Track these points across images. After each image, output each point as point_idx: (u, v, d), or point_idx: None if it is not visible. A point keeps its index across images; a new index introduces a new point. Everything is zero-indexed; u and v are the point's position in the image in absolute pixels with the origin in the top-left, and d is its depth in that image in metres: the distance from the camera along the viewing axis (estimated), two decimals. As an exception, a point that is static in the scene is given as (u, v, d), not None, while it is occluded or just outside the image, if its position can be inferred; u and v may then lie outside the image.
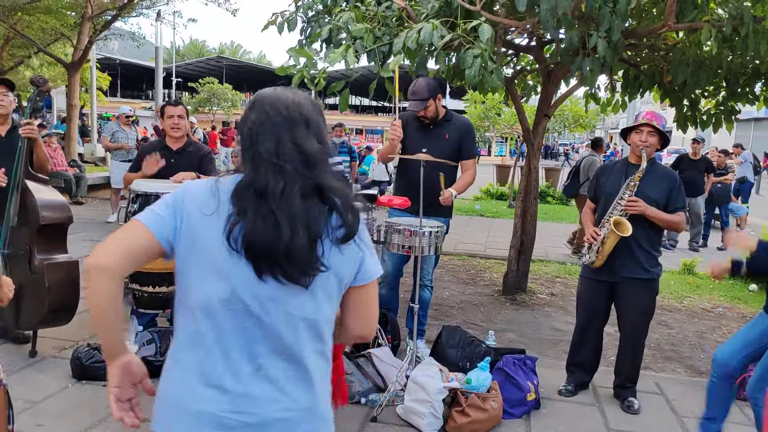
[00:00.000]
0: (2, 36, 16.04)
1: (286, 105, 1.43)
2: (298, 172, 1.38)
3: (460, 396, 3.34)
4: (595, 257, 3.73)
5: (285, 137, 1.40)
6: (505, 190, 15.91)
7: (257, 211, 1.35)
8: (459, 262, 7.85)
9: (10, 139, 4.00)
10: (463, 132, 4.35)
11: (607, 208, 3.73)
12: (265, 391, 1.41)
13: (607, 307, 3.89)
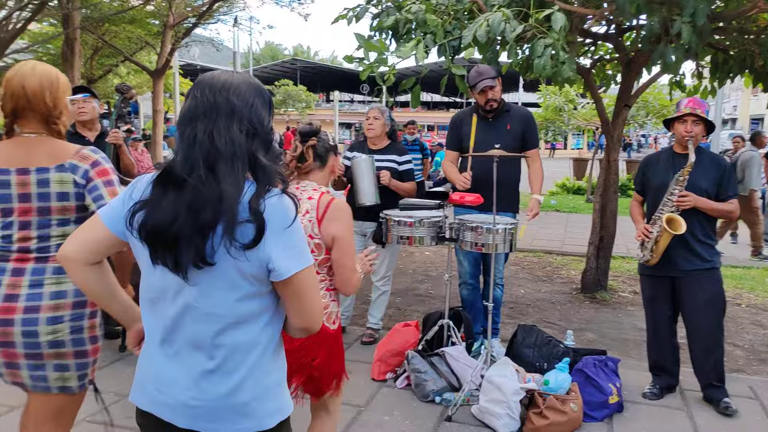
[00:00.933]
0: (91, 46, 16.99)
1: (215, 90, 1.41)
2: (202, 165, 1.35)
3: (538, 397, 3.25)
4: (649, 255, 3.61)
5: (201, 126, 1.38)
6: (582, 184, 15.42)
7: (161, 196, 1.38)
8: (534, 258, 7.66)
9: (98, 144, 4.21)
10: (525, 122, 4.26)
11: (656, 202, 3.61)
12: (179, 376, 1.47)
13: (673, 302, 3.74)
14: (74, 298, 2.04)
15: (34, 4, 10.88)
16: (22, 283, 1.99)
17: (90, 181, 2.04)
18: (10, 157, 2.01)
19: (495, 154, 3.42)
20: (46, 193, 2.00)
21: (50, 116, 2.05)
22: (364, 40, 4.19)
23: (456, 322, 4.04)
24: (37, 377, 2.03)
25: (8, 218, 2.01)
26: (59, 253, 1.52)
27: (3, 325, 1.95)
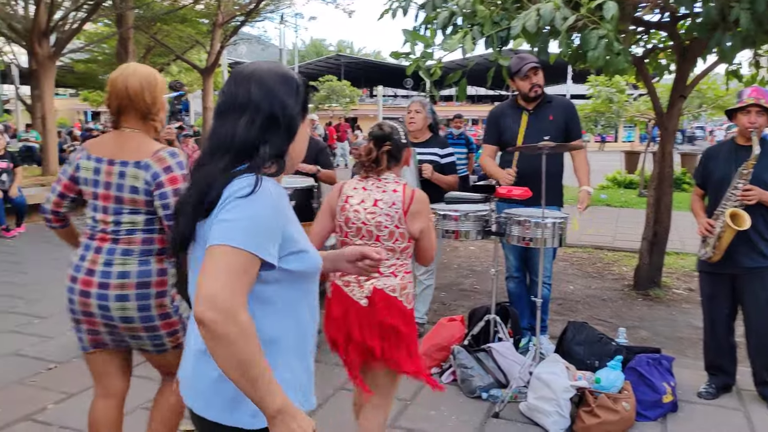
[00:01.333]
0: (144, 46, 17.46)
1: (239, 82, 1.44)
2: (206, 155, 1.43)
3: (589, 396, 3.17)
4: (711, 252, 3.48)
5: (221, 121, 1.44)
6: (634, 178, 15.00)
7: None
8: (584, 254, 7.50)
9: None
10: (568, 112, 4.14)
11: (718, 196, 3.48)
12: None
13: (732, 300, 3.60)
14: (137, 278, 2.22)
15: (89, 5, 11.23)
16: (99, 260, 2.23)
17: (160, 186, 2.19)
18: (107, 148, 2.26)
19: (544, 145, 3.34)
20: (121, 184, 2.21)
21: (149, 113, 2.26)
22: (410, 34, 4.16)
23: (503, 317, 3.99)
24: (117, 342, 2.32)
25: (95, 201, 2.26)
26: None
27: (83, 296, 2.22)
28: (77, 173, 2.29)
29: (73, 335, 2.36)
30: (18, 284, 5.74)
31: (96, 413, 2.42)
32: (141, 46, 16.91)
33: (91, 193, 2.27)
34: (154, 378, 2.63)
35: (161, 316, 2.26)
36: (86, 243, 2.29)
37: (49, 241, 7.70)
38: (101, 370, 2.40)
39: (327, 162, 4.44)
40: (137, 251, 2.23)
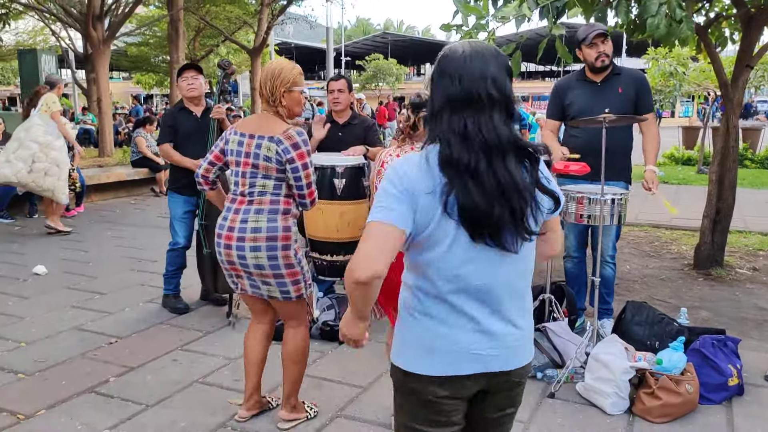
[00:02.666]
0: (194, 28, 17.70)
1: (476, 80, 1.50)
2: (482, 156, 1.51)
3: (649, 377, 3.07)
4: None
5: (471, 117, 1.50)
6: (693, 154, 14.45)
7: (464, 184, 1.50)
8: (641, 233, 7.27)
9: (204, 119, 4.38)
10: (638, 83, 3.91)
11: None
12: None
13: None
14: (267, 233, 2.69)
15: (142, -12, 11.40)
16: (237, 219, 2.73)
17: (291, 161, 2.66)
18: (250, 125, 2.77)
19: (605, 117, 3.20)
20: (257, 153, 2.68)
21: (270, 99, 2.72)
22: (462, 5, 4.05)
23: (558, 296, 3.89)
24: (253, 286, 2.80)
25: (237, 168, 2.75)
26: (368, 276, 1.47)
27: (227, 248, 2.74)
28: (226, 146, 2.81)
29: (131, 311, 3.10)
30: (79, 261, 5.93)
31: (246, 338, 3.01)
32: (191, 28, 17.15)
33: (234, 161, 2.76)
34: (208, 353, 2.67)
35: (287, 266, 2.72)
36: (228, 206, 2.81)
37: (106, 221, 7.96)
38: (251, 305, 2.97)
39: (375, 140, 4.39)
40: (266, 210, 2.72)
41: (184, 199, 4.45)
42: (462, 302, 1.56)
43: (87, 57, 16.20)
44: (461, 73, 1.50)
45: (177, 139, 4.40)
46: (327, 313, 3.96)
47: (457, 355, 1.57)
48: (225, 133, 2.84)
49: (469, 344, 1.57)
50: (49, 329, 4.18)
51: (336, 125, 4.39)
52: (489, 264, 1.54)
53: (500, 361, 1.61)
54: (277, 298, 2.79)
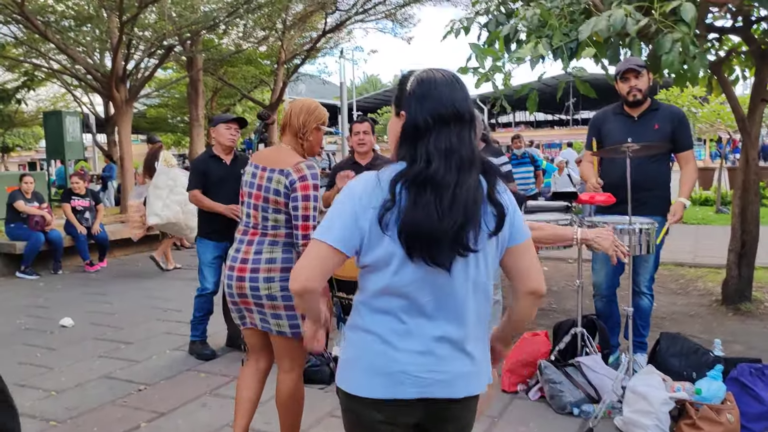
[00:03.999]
0: (211, 88, 18.22)
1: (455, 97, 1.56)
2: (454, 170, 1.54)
3: (690, 408, 3.00)
4: None
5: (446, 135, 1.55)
6: (710, 195, 14.41)
7: (418, 199, 1.51)
8: (665, 271, 7.19)
9: (234, 167, 4.51)
10: (676, 120, 3.90)
11: None
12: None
13: None
14: (282, 264, 2.70)
15: (162, 50, 11.83)
16: (251, 251, 2.73)
17: (294, 190, 2.64)
18: (264, 158, 2.79)
19: (628, 147, 3.24)
20: (268, 187, 2.69)
21: (299, 132, 2.75)
22: (478, 48, 4.17)
23: (590, 331, 3.85)
24: (262, 320, 2.76)
25: (249, 200, 2.77)
26: (298, 288, 1.55)
27: (239, 280, 2.71)
28: (244, 178, 2.84)
29: (159, 359, 3.51)
30: (104, 313, 5.97)
31: (241, 379, 2.97)
32: (208, 88, 17.67)
33: (247, 193, 2.78)
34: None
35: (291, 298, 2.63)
36: (240, 238, 2.81)
37: (129, 275, 8.03)
38: (253, 342, 2.92)
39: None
40: (281, 243, 2.72)
41: (214, 245, 4.52)
42: (406, 320, 1.55)
43: (108, 120, 16.70)
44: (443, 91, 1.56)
45: (207, 186, 4.51)
46: (356, 353, 3.93)
47: (395, 376, 1.54)
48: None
49: (409, 365, 1.54)
50: (78, 378, 4.18)
51: (359, 167, 4.47)
52: (431, 282, 1.53)
53: (443, 388, 1.56)
54: (285, 334, 2.74)
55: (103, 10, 10.65)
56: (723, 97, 6.43)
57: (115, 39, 10.83)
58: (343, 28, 15.84)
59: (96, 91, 12.82)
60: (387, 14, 15.36)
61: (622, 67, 3.92)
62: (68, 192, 8.57)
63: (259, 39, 15.01)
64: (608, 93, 4.38)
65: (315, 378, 3.87)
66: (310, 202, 2.63)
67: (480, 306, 1.60)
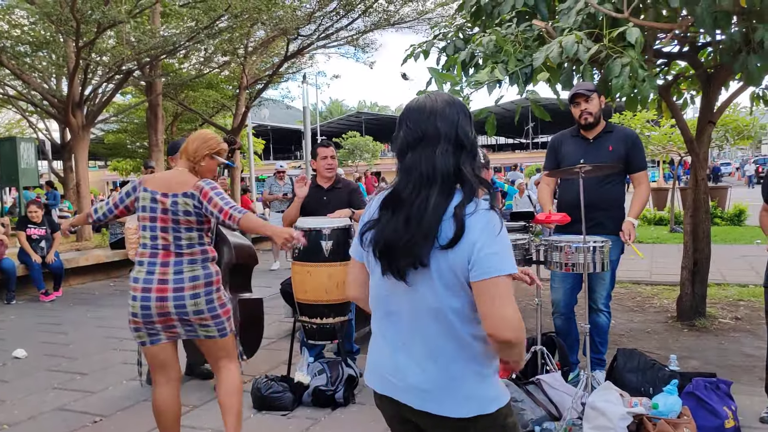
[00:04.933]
0: (171, 113, 18.03)
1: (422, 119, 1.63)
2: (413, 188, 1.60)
3: (647, 422, 3.06)
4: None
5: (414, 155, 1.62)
6: (664, 215, 14.84)
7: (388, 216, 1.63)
8: (622, 289, 7.35)
9: None
10: (630, 142, 4.03)
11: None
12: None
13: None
14: (204, 279, 2.91)
15: (121, 74, 11.70)
16: (168, 271, 2.86)
17: (201, 202, 2.90)
18: (160, 183, 2.96)
19: (580, 168, 3.34)
20: (176, 210, 2.89)
21: (192, 157, 2.99)
22: (437, 73, 4.26)
23: (549, 348, 3.90)
24: (189, 332, 2.96)
25: (154, 224, 2.89)
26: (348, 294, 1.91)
27: (160, 300, 2.83)
28: (136, 203, 2.97)
29: (115, 390, 3.52)
30: (59, 344, 5.79)
31: (158, 395, 3.02)
32: (169, 113, 17.48)
33: (149, 217, 2.91)
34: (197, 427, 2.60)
35: (221, 306, 2.95)
36: (148, 261, 2.90)
37: (85, 304, 7.81)
38: (163, 358, 2.98)
39: (360, 203, 4.50)
40: (199, 260, 2.92)
41: None
42: (384, 326, 1.72)
43: (64, 146, 16.35)
44: (412, 116, 1.65)
45: None
46: (318, 377, 3.90)
47: (378, 373, 1.73)
48: (130, 190, 3.03)
49: (384, 367, 1.70)
50: (31, 411, 4.04)
51: (321, 189, 4.49)
52: (398, 294, 1.65)
53: (410, 397, 1.65)
54: (214, 337, 2.96)
55: (59, 34, 10.50)
56: (673, 120, 6.67)
57: (72, 64, 10.68)
58: (305, 54, 15.93)
59: (52, 116, 12.61)
60: (349, 40, 15.52)
61: (572, 92, 4.06)
62: (24, 220, 8.35)
63: (221, 64, 14.98)
64: (566, 117, 4.52)
65: (276, 405, 3.81)
66: (216, 198, 2.89)
67: (439, 321, 1.60)
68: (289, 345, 4.44)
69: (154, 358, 2.98)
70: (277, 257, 9.96)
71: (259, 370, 4.56)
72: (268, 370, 4.59)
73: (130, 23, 10.43)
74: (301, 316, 4.03)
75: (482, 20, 5.11)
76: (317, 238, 3.87)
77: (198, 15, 10.92)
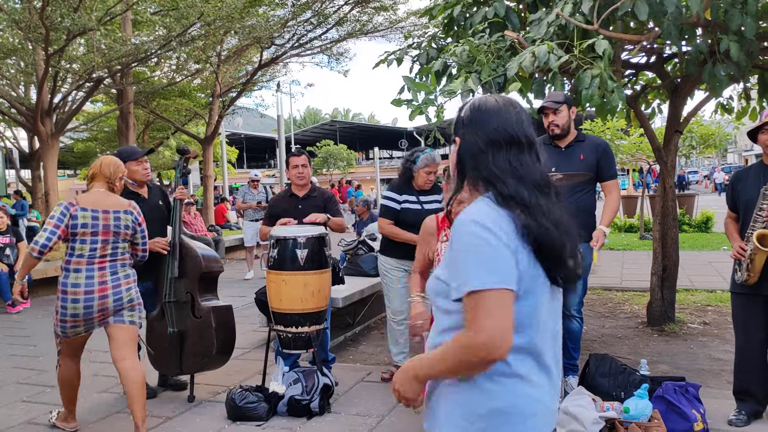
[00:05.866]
0: (143, 122, 17.85)
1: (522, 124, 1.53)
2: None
3: (619, 426, 3.12)
4: (746, 275, 3.46)
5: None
6: (634, 222, 15.11)
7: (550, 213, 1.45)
8: (594, 296, 7.46)
9: (153, 198, 4.47)
10: (600, 151, 4.11)
11: (747, 218, 3.47)
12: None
13: (766, 322, 3.54)
14: (132, 276, 3.64)
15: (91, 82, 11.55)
16: (106, 274, 3.50)
17: (140, 224, 3.66)
18: (95, 202, 3.51)
19: (552, 176, 3.39)
20: (117, 225, 3.53)
21: (110, 179, 3.60)
22: (411, 81, 4.29)
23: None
24: (118, 320, 3.57)
25: (95, 237, 3.46)
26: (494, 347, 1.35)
27: (102, 299, 3.46)
28: (74, 221, 3.41)
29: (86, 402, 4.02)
30: (28, 356, 5.67)
31: (69, 371, 3.77)
32: (140, 121, 17.30)
33: (91, 232, 3.45)
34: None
35: (138, 297, 3.66)
36: (87, 268, 3.46)
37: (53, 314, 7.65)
38: (80, 344, 3.75)
39: (336, 210, 4.50)
40: (128, 264, 3.64)
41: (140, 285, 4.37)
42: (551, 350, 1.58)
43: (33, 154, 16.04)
44: (506, 117, 1.52)
45: None
46: (293, 387, 3.88)
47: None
48: (64, 210, 3.42)
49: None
50: (0, 424, 3.95)
51: (296, 198, 4.48)
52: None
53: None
54: (135, 323, 3.62)
55: (28, 42, 10.33)
56: (642, 129, 6.82)
57: (41, 71, 10.51)
58: (279, 62, 15.91)
59: (20, 124, 12.38)
60: (322, 49, 15.54)
61: (541, 105, 4.14)
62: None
63: (193, 72, 14.88)
64: (540, 125, 4.58)
65: (251, 415, 3.78)
66: (145, 228, 3.71)
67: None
68: (263, 354, 4.42)
69: (73, 345, 3.69)
70: (250, 267, 9.89)
71: (233, 381, 4.52)
72: (243, 380, 4.56)
73: (101, 30, 10.32)
74: (276, 325, 4.01)
75: (455, 31, 5.17)
76: (293, 247, 3.86)
77: (170, 23, 10.83)
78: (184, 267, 4.23)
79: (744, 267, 3.44)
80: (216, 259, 4.45)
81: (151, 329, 4.40)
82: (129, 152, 4.47)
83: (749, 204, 3.47)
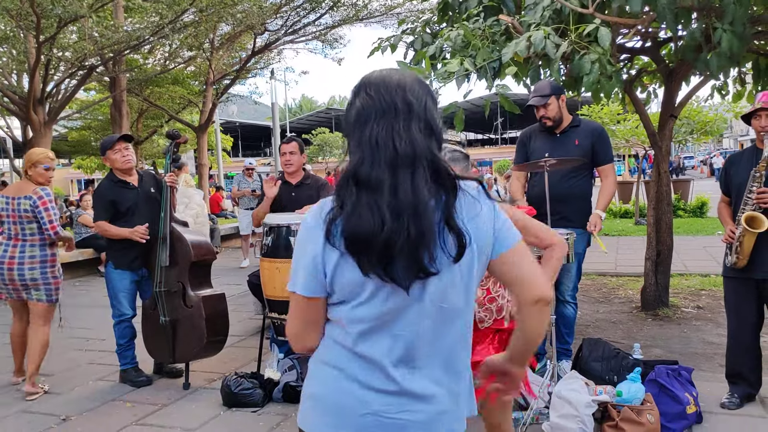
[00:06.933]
0: (137, 110, 17.73)
1: (391, 89, 1.35)
2: (386, 168, 1.31)
3: (612, 410, 3.13)
4: (736, 258, 3.47)
5: (378, 127, 1.33)
6: (629, 208, 15.14)
7: (356, 201, 1.30)
8: (588, 281, 7.49)
9: (143, 187, 4.41)
10: (596, 135, 4.11)
11: (740, 202, 3.48)
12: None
13: (758, 306, 3.56)
14: (40, 258, 4.19)
15: (83, 70, 11.46)
16: (16, 252, 4.16)
17: (37, 207, 4.12)
18: (11, 190, 4.29)
19: (545, 161, 3.40)
20: (19, 209, 4.14)
21: (26, 170, 4.26)
22: (405, 66, 4.27)
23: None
24: (27, 295, 4.22)
25: (9, 219, 4.18)
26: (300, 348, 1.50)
27: (10, 271, 4.14)
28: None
29: (82, 390, 4.29)
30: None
31: (17, 329, 4.50)
32: (134, 109, 17.19)
33: (6, 215, 4.19)
34: (166, 425, 2.55)
35: (53, 278, 4.24)
36: (5, 243, 4.20)
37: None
38: (18, 307, 4.42)
39: (329, 197, 4.50)
40: (38, 245, 4.19)
41: (130, 273, 4.37)
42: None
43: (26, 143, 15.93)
44: (377, 84, 1.38)
45: (119, 214, 4.28)
46: (289, 374, 3.89)
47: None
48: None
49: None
50: (-8, 414, 3.95)
51: (289, 186, 4.47)
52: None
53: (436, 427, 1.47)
54: (42, 301, 4.21)
55: (19, 30, 10.23)
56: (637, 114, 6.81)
57: (33, 59, 10.41)
58: (272, 49, 15.80)
59: (13, 113, 12.26)
60: (316, 35, 15.44)
61: (528, 102, 4.15)
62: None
63: (186, 59, 14.77)
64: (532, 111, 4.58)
65: (247, 401, 3.79)
66: (50, 210, 4.13)
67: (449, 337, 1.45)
68: (258, 342, 4.43)
69: (13, 306, 4.44)
70: (246, 255, 9.90)
71: (228, 368, 4.53)
72: (238, 367, 4.57)
73: (93, 18, 10.21)
74: (271, 312, 4.01)
75: (450, 16, 5.14)
76: (287, 235, 3.86)
77: (162, 9, 10.72)
78: (175, 256, 4.21)
79: (733, 250, 3.45)
80: (208, 247, 4.42)
81: (146, 317, 4.40)
82: (106, 142, 4.41)
83: (741, 187, 3.48)
